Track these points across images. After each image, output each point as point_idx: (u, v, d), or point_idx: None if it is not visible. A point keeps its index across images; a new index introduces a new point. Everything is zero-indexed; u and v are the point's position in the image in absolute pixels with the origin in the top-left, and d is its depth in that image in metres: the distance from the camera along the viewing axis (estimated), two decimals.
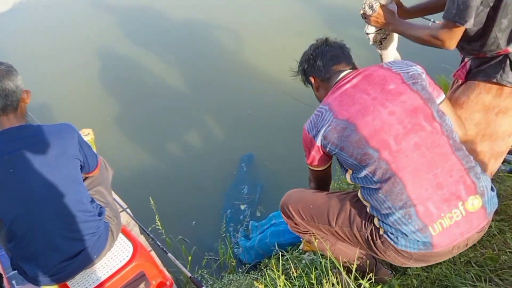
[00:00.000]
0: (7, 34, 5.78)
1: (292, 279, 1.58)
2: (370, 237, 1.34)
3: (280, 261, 1.70)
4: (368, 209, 1.34)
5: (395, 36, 1.83)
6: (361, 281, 1.42)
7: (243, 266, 2.44)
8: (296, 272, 1.54)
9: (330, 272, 1.47)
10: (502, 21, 1.46)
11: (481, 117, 1.62)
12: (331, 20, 4.82)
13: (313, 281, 1.47)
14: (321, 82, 1.53)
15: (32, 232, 1.55)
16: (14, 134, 1.53)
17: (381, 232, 1.30)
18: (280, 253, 2.10)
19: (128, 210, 2.44)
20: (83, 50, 5.07)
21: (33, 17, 6.11)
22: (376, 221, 1.31)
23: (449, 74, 3.37)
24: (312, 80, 1.55)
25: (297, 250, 2.05)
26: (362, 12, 1.77)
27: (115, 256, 1.81)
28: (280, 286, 1.49)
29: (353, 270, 1.44)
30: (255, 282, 1.48)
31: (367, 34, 1.84)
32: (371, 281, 1.40)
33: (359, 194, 1.38)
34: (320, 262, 1.62)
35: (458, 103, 1.65)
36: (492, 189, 1.29)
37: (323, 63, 1.49)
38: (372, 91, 1.33)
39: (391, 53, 1.89)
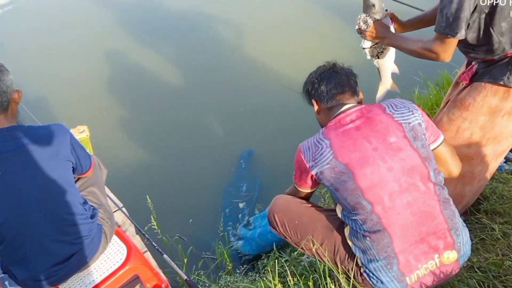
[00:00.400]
0: (5, 29, 5.70)
1: (289, 286, 1.55)
2: (351, 271, 1.40)
3: (276, 264, 1.66)
4: (351, 248, 1.39)
5: (392, 49, 1.83)
6: None
7: (241, 266, 2.40)
8: (293, 280, 1.50)
9: (328, 278, 1.43)
10: (501, 25, 1.43)
11: (487, 120, 1.59)
12: (335, 15, 4.74)
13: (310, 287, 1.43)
14: (324, 108, 1.51)
15: (22, 236, 1.51)
16: (4, 135, 1.48)
17: (361, 271, 1.37)
18: (279, 254, 2.07)
19: (123, 209, 2.39)
20: (82, 45, 4.99)
21: (32, 11, 6.02)
22: (358, 260, 1.37)
23: (452, 70, 3.32)
24: (314, 103, 1.54)
25: (296, 252, 2.01)
26: (357, 27, 1.79)
27: (108, 259, 1.77)
28: None
29: (352, 276, 1.40)
30: None
31: (364, 48, 1.85)
32: None
33: (345, 232, 1.42)
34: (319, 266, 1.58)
35: (463, 105, 1.62)
36: (468, 242, 1.39)
37: (326, 90, 1.47)
38: (374, 140, 1.34)
39: (388, 66, 1.89)
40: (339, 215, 1.43)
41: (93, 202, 1.84)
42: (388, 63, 1.88)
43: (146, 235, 2.14)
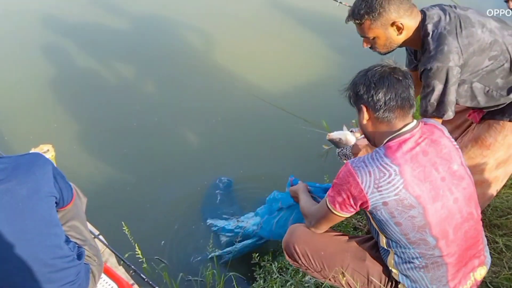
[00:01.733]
0: None
1: None
2: None
3: None
4: (396, 276, 1.35)
5: None
6: None
7: None
8: None
9: None
10: (497, 82, 1.54)
11: (503, 154, 1.69)
12: (302, 22, 4.67)
13: None
14: (375, 118, 1.31)
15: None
16: None
17: None
18: (278, 274, 1.97)
19: (100, 237, 2.16)
20: (34, 54, 4.43)
21: None
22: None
23: None
24: (363, 109, 1.32)
25: (300, 274, 1.91)
26: (343, 160, 1.88)
27: None
28: None
29: None
30: None
31: None
32: None
33: (389, 261, 1.35)
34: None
35: (484, 145, 1.69)
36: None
37: (384, 99, 1.26)
38: (441, 167, 1.27)
39: None
40: (384, 246, 1.34)
41: (76, 238, 1.62)
42: None
43: (133, 266, 1.95)
